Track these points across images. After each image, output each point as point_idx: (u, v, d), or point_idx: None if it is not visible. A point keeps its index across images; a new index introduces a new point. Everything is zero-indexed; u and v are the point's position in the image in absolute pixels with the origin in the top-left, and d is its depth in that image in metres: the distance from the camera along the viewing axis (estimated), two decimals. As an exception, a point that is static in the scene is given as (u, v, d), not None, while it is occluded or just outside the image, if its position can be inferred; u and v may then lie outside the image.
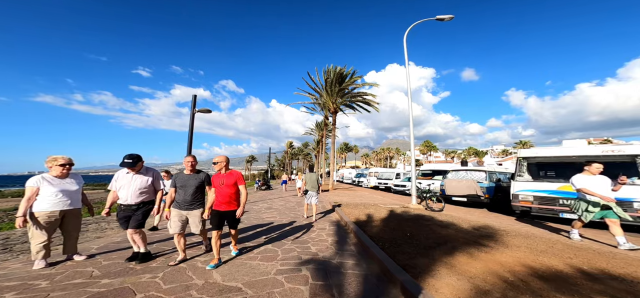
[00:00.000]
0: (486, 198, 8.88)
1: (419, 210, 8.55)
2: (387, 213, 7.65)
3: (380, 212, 7.92)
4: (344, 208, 9.09)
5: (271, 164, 77.07)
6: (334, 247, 4.57)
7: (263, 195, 15.70)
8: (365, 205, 10.01)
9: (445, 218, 6.68)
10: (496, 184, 9.25)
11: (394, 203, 11.14)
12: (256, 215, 8.02)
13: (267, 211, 9.02)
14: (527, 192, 6.83)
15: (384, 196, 15.39)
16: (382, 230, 5.43)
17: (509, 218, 7.71)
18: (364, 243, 4.47)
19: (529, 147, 65.31)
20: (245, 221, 6.92)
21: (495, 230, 5.31)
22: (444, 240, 4.53)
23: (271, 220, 7.32)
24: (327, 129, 35.36)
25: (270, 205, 10.65)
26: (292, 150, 71.42)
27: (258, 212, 8.69)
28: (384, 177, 20.90)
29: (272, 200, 12.91)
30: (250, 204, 11.07)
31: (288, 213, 8.61)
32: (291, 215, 8.22)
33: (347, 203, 10.50)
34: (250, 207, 9.98)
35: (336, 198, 13.51)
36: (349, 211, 8.27)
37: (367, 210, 8.54)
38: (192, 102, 8.86)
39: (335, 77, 21.06)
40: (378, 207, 9.29)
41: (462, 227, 5.62)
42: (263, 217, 7.72)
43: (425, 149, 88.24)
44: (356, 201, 12.02)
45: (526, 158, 7.19)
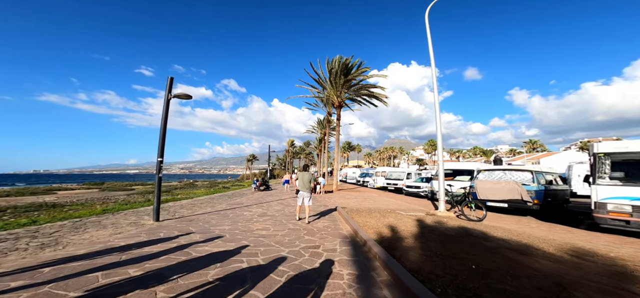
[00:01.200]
0: (535, 205, 7.07)
1: (452, 218, 6.73)
2: (415, 225, 5.84)
3: (405, 223, 6.12)
4: (355, 215, 7.29)
5: (273, 163, 75.38)
6: (356, 293, 2.79)
7: (260, 198, 13.94)
8: (381, 211, 8.20)
9: (503, 235, 4.87)
10: (545, 187, 7.43)
11: (415, 208, 9.31)
12: (245, 226, 6.25)
13: (260, 219, 7.25)
14: (621, 201, 4.97)
15: (397, 199, 13.58)
16: (424, 256, 3.63)
17: (588, 233, 5.78)
18: (411, 290, 2.66)
19: (539, 146, 62.94)
20: (227, 234, 5.17)
21: (617, 261, 3.48)
22: (552, 283, 2.73)
23: (263, 232, 5.55)
24: (330, 127, 33.60)
25: (266, 211, 8.88)
26: (293, 149, 69.66)
27: (248, 221, 6.92)
28: (394, 177, 19.07)
29: (269, 203, 11.14)
30: (242, 209, 9.30)
31: (286, 222, 6.83)
32: (289, 225, 6.44)
33: (358, 209, 8.70)
34: (241, 214, 8.22)
35: (343, 202, 11.71)
36: (363, 220, 6.47)
37: (386, 218, 6.73)
38: (167, 86, 7.08)
39: (341, 68, 19.21)
40: (398, 214, 7.48)
41: (549, 251, 3.80)
42: (252, 228, 5.95)
43: (430, 148, 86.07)
44: (367, 205, 10.21)
45: (610, 155, 5.31)
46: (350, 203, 10.96)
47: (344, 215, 7.36)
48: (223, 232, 5.58)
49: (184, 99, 7.32)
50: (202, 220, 6.85)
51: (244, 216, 7.69)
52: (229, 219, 7.15)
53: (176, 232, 5.40)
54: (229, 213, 8.12)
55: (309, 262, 3.76)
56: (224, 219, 7.12)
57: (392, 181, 18.62)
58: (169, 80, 7.12)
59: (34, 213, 9.40)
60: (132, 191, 33.90)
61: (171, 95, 7.11)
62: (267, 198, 13.01)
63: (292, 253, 4.15)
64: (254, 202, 11.38)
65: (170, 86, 7.12)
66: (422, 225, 5.81)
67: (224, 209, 9.07)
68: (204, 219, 7.04)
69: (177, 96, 7.18)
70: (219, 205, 10.22)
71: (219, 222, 6.66)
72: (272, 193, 16.20)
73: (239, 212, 8.53)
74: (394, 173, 19.84)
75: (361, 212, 8.08)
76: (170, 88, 7.13)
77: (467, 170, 12.06)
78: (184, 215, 7.74)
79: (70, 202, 19.01)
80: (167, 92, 7.06)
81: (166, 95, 7.04)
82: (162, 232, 5.43)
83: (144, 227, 5.83)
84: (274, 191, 18.70)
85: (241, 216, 7.69)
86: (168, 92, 7.07)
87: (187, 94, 7.26)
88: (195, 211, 8.56)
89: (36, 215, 8.84)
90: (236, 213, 8.12)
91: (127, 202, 15.87)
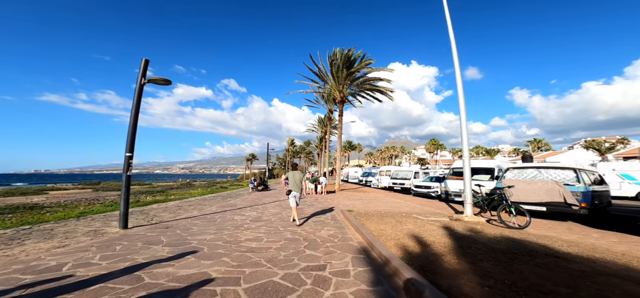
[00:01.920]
0: (583, 209, 5.87)
1: (485, 225, 5.53)
2: (445, 234, 4.64)
3: (431, 231, 4.92)
4: (365, 220, 6.10)
5: (272, 163, 74.16)
6: None
7: (256, 199, 12.76)
8: (394, 215, 7.01)
9: (573, 250, 3.67)
10: (592, 188, 6.23)
11: (432, 211, 8.10)
12: (231, 235, 5.06)
13: (253, 225, 6.06)
14: None
15: (406, 200, 12.38)
16: (485, 287, 2.44)
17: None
18: None
19: (544, 145, 61.65)
20: (205, 247, 4.00)
21: None
22: None
23: (253, 244, 4.36)
24: (331, 125, 32.36)
25: (261, 214, 7.70)
26: (293, 148, 68.47)
27: (237, 228, 5.72)
28: (400, 177, 17.85)
29: (266, 206, 9.96)
30: (233, 212, 8.12)
31: (282, 229, 5.64)
32: (287, 233, 5.25)
33: (367, 213, 7.50)
34: (231, 218, 7.04)
35: (347, 203, 10.52)
36: (376, 228, 5.28)
37: (404, 225, 5.53)
38: (141, 70, 5.87)
39: (343, 61, 18.00)
40: (416, 219, 6.28)
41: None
42: (240, 237, 4.76)
43: (432, 147, 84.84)
44: (376, 208, 9.02)
45: None
46: (356, 206, 9.78)
47: (352, 220, 6.16)
48: (202, 243, 4.40)
49: (161, 85, 6.12)
50: (181, 227, 5.67)
51: (234, 221, 6.50)
52: (215, 225, 5.96)
53: (139, 245, 4.22)
54: (217, 218, 6.94)
55: (311, 296, 2.57)
56: (209, 225, 5.95)
57: (398, 181, 17.42)
58: (143, 63, 5.91)
59: (7, 216, 8.23)
60: (127, 191, 32.79)
61: (145, 80, 5.91)
62: (264, 200, 11.84)
63: (288, 279, 2.96)
64: (248, 204, 10.20)
65: (144, 69, 5.92)
66: (454, 235, 4.61)
67: (213, 212, 7.90)
68: (184, 225, 5.86)
69: (152, 81, 5.99)
70: (208, 208, 9.04)
71: (201, 229, 5.48)
72: (270, 194, 15.02)
73: (230, 216, 7.35)
74: (400, 173, 18.62)
75: (371, 216, 6.89)
76: (145, 71, 5.93)
77: (485, 168, 10.82)
78: (164, 220, 6.56)
79: (57, 203, 17.89)
80: (140, 77, 5.85)
81: (139, 79, 5.83)
82: (121, 244, 4.24)
83: (102, 238, 4.64)
84: (273, 191, 17.52)
85: (231, 221, 6.50)
86: (141, 77, 5.86)
87: (164, 79, 6.05)
88: (178, 215, 7.39)
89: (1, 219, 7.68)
90: (225, 218, 6.94)
91: (113, 203, 14.77)
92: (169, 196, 18.91)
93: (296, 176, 6.19)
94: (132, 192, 30.15)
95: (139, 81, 5.83)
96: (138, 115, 5.77)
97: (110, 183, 48.97)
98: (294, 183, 6.12)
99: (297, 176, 6.20)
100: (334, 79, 19.07)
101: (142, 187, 42.25)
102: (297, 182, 6.14)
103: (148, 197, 20.79)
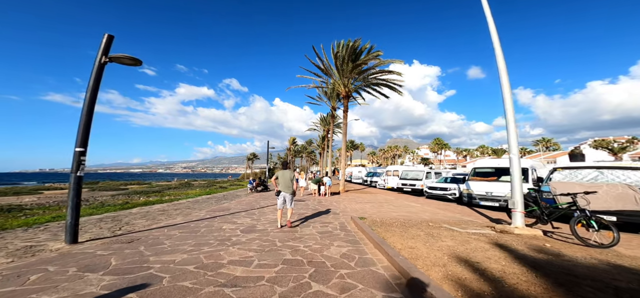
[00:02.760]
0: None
1: (546, 240, 4.20)
2: (508, 258, 3.31)
3: (483, 252, 3.60)
4: (384, 231, 4.79)
5: (273, 162, 73.01)
6: None
7: (253, 202, 11.51)
8: (419, 225, 5.68)
9: None
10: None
11: (462, 219, 6.74)
12: (212, 254, 3.79)
13: (244, 237, 4.79)
14: None
15: (422, 203, 11.04)
16: None
17: None
18: None
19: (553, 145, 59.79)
20: (168, 275, 2.73)
21: None
22: None
23: (238, 270, 3.09)
24: (334, 122, 31.03)
25: (256, 222, 6.43)
26: (295, 147, 67.26)
27: (223, 242, 4.45)
28: (410, 177, 16.48)
29: (263, 210, 8.70)
30: (223, 219, 6.86)
31: (280, 244, 4.35)
32: (286, 251, 3.96)
33: (383, 220, 6.19)
34: (219, 227, 5.77)
35: (356, 207, 9.22)
36: (404, 244, 3.97)
37: (440, 240, 4.22)
38: (102, 46, 4.58)
39: (348, 53, 16.67)
40: (453, 232, 4.95)
41: None
42: (223, 258, 3.48)
43: (436, 147, 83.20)
44: (391, 213, 7.71)
45: None
46: (367, 210, 8.47)
47: (368, 232, 4.86)
48: (165, 269, 3.13)
49: (128, 65, 4.84)
50: (150, 241, 4.41)
51: (221, 232, 5.22)
52: (196, 238, 4.70)
53: (70, 272, 2.95)
54: (201, 227, 5.67)
55: None
56: (187, 238, 4.68)
57: (408, 182, 16.06)
58: (105, 39, 4.60)
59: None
60: (124, 191, 31.75)
61: (106, 58, 4.63)
62: (262, 202, 10.57)
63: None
64: (244, 208, 8.93)
65: (106, 46, 4.62)
66: (522, 257, 3.28)
67: (200, 219, 6.63)
68: (155, 238, 4.59)
69: (116, 60, 4.70)
70: (196, 212, 7.78)
71: (175, 245, 4.21)
72: (269, 196, 13.75)
73: (218, 223, 6.07)
74: (410, 173, 17.25)
75: (390, 225, 5.57)
76: (107, 49, 4.63)
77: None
78: (134, 229, 5.31)
79: (42, 205, 16.83)
80: (101, 54, 4.56)
81: (99, 57, 4.55)
82: (45, 270, 2.98)
83: (29, 258, 3.38)
84: (273, 192, 16.26)
85: (217, 232, 5.22)
86: (102, 54, 4.57)
87: (131, 57, 4.75)
88: (157, 222, 6.13)
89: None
90: (212, 227, 5.66)
91: (99, 205, 13.64)
92: (163, 196, 17.77)
93: (286, 175, 5.81)
94: (126, 192, 29.06)
95: (99, 59, 4.55)
96: (95, 101, 4.50)
97: (108, 183, 48.13)
98: (284, 183, 5.73)
99: (287, 175, 5.81)
100: (338, 72, 17.77)
101: (141, 186, 41.28)
102: (287, 181, 5.75)
103: (142, 197, 19.69)
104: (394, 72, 17.01)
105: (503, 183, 8.94)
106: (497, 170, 9.78)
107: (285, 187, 5.68)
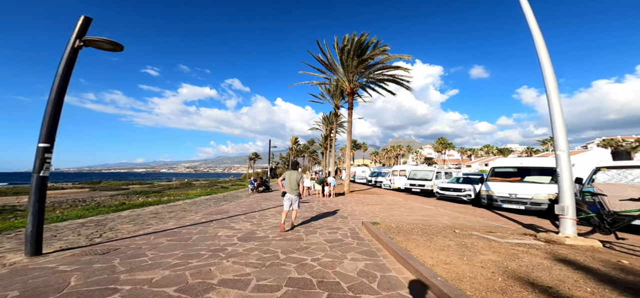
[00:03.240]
0: None
1: (611, 253, 3.45)
2: (583, 277, 2.58)
3: (545, 269, 2.85)
4: (406, 241, 4.07)
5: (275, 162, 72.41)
6: None
7: (254, 203, 10.83)
8: (444, 232, 4.93)
9: None
10: None
11: (488, 224, 5.97)
12: (200, 271, 3.10)
13: (241, 248, 4.10)
14: None
15: (436, 205, 10.28)
16: None
17: None
18: None
19: (561, 144, 58.27)
20: None
21: None
22: None
23: (230, 295, 2.42)
24: (337, 121, 30.31)
25: (256, 227, 5.73)
26: (297, 147, 66.60)
27: (214, 254, 3.76)
28: (419, 177, 15.69)
29: (264, 213, 8.01)
30: (220, 224, 6.17)
31: (284, 257, 3.65)
32: (291, 269, 3.26)
33: (399, 226, 5.45)
34: (214, 234, 5.08)
35: (364, 210, 8.49)
36: (436, 259, 3.24)
37: (479, 254, 3.48)
38: (77, 29, 3.85)
39: (354, 48, 15.93)
40: (490, 242, 4.20)
41: None
42: (212, 277, 2.79)
43: (440, 146, 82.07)
44: (406, 217, 6.97)
45: None
46: (377, 213, 7.74)
47: (386, 241, 4.14)
48: (136, 293, 2.45)
49: (107, 50, 4.15)
50: (128, 252, 3.72)
51: (216, 240, 4.53)
52: (185, 248, 4.01)
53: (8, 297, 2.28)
54: (193, 233, 4.99)
55: None
56: (174, 248, 4.00)
57: (417, 182, 15.27)
58: (81, 21, 3.91)
59: None
60: (124, 191, 31.29)
61: (81, 42, 3.94)
62: (263, 204, 9.88)
63: None
64: (243, 211, 8.24)
65: (82, 29, 3.92)
66: (612, 281, 2.54)
67: (194, 224, 5.95)
68: (135, 249, 3.91)
69: (92, 43, 4.00)
70: (191, 215, 7.10)
71: (157, 257, 3.53)
72: (271, 196, 13.06)
73: (213, 229, 5.38)
74: (419, 173, 16.45)
75: (409, 232, 4.84)
76: (82, 32, 3.94)
77: (542, 168, 8.52)
78: (115, 237, 4.64)
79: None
80: (75, 38, 3.85)
81: (72, 40, 3.86)
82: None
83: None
84: (275, 192, 15.58)
85: (211, 239, 4.53)
86: (76, 38, 3.88)
87: (111, 41, 4.04)
88: (144, 227, 5.46)
89: None
90: (206, 234, 4.97)
91: (97, 205, 13.17)
92: (162, 197, 17.19)
93: (293, 176, 5.51)
94: (126, 192, 28.57)
95: (72, 43, 3.86)
96: (65, 90, 3.82)
97: (110, 183, 47.84)
98: (290, 185, 5.47)
99: (294, 176, 5.51)
100: (343, 67, 17.05)
101: (142, 186, 40.86)
102: (292, 183, 5.47)
103: (140, 197, 19.13)
104: (402, 67, 16.23)
105: (528, 185, 8.12)
106: (520, 170, 8.95)
107: (290, 189, 5.46)
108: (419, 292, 2.63)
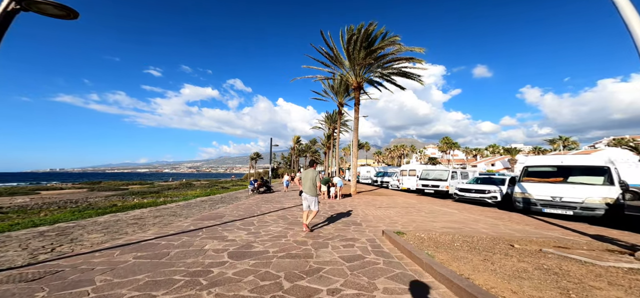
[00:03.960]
0: None
1: None
2: None
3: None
4: (455, 262, 2.97)
5: (277, 162, 71.42)
6: None
7: (253, 206, 9.77)
8: (499, 247, 3.82)
9: None
10: None
11: (548, 235, 4.82)
12: None
13: (230, 270, 3.04)
14: None
15: (458, 209, 9.14)
16: None
17: None
18: None
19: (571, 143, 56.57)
20: None
21: None
22: None
23: None
24: (341, 119, 29.20)
25: (254, 238, 4.67)
26: (299, 146, 65.60)
27: (193, 280, 2.70)
28: (432, 177, 14.52)
29: (264, 218, 6.95)
30: (210, 233, 5.11)
31: (289, 288, 2.59)
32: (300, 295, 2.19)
33: (432, 238, 4.34)
34: (199, 247, 4.02)
35: (377, 214, 7.38)
36: (512, 290, 2.15)
37: (590, 289, 2.37)
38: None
39: (361, 38, 14.83)
40: (584, 265, 3.10)
41: None
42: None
43: (445, 146, 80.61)
44: (435, 225, 5.85)
45: None
46: (395, 219, 6.64)
47: (428, 262, 3.05)
48: None
49: (54, 16, 3.09)
50: (72, 277, 2.67)
51: (201, 256, 3.46)
52: (155, 269, 2.95)
53: None
54: (173, 247, 3.92)
55: None
56: (140, 269, 2.94)
57: (430, 182, 14.11)
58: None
59: None
60: (123, 191, 30.47)
61: (17, 5, 2.86)
62: (263, 207, 8.81)
63: None
64: (241, 215, 7.16)
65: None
66: None
67: (178, 232, 4.89)
68: (85, 271, 2.85)
69: (31, 6, 2.93)
70: (179, 221, 6.04)
71: (109, 286, 2.47)
72: (272, 198, 11.99)
73: (200, 241, 4.31)
74: (432, 172, 15.28)
75: (448, 246, 3.74)
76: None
77: (591, 167, 7.18)
78: (70, 252, 3.59)
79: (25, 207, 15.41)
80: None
81: (6, 3, 2.81)
82: None
83: None
84: (277, 193, 14.50)
85: (195, 255, 3.47)
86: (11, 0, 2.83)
87: (58, 5, 2.98)
88: (115, 237, 4.41)
89: None
90: (189, 248, 3.91)
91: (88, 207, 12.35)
92: (159, 197, 16.26)
93: (308, 175, 5.14)
94: (124, 192, 27.76)
95: (5, 6, 2.81)
96: None
97: (110, 183, 47.12)
98: (305, 184, 5.10)
99: (310, 175, 5.13)
100: (349, 60, 15.95)
101: (142, 186, 40.09)
102: (309, 183, 5.08)
103: (136, 198, 18.21)
104: (415, 59, 15.06)
105: (576, 186, 6.88)
106: (561, 169, 7.70)
107: (307, 189, 5.12)
108: None
